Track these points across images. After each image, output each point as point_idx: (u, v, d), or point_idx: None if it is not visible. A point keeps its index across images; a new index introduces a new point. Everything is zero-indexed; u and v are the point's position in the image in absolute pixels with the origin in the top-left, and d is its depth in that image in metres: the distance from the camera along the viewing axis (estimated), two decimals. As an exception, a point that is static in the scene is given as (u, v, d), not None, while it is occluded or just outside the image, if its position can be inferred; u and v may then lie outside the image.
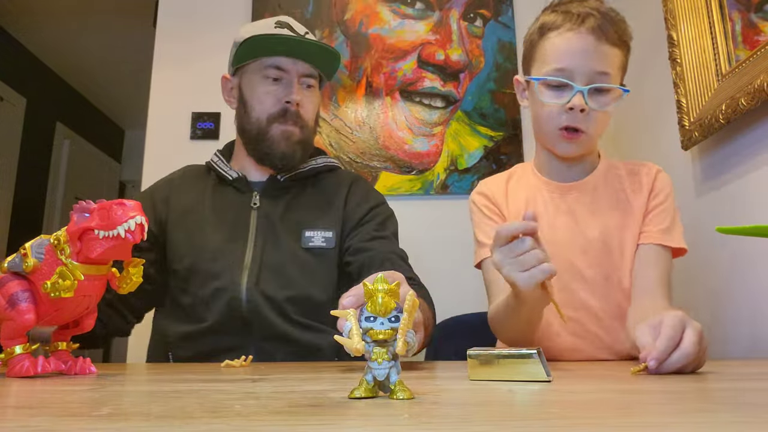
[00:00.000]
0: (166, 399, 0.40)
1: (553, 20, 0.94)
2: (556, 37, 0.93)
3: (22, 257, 0.61)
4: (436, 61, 1.90)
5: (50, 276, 0.59)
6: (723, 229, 0.44)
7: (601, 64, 0.91)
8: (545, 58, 0.94)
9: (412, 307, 0.40)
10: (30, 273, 0.61)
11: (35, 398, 0.41)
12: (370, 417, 0.32)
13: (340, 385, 0.50)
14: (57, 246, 0.60)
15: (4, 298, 0.60)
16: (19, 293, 0.60)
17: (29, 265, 0.60)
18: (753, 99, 1.04)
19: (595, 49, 0.91)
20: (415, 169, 1.83)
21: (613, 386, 0.47)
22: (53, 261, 0.60)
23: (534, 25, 0.99)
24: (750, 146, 1.12)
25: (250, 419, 0.31)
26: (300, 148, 1.08)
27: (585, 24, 0.91)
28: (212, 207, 1.08)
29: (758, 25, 1.10)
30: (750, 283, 1.12)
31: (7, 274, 0.62)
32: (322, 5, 1.94)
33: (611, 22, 0.92)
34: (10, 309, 0.60)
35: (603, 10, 0.93)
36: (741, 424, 0.29)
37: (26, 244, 0.62)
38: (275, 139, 1.06)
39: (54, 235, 0.61)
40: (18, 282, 0.61)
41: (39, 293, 0.60)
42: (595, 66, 0.91)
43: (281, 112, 1.05)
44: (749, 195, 1.13)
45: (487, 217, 1.02)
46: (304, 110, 1.07)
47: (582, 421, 0.30)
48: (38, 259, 0.60)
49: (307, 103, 1.08)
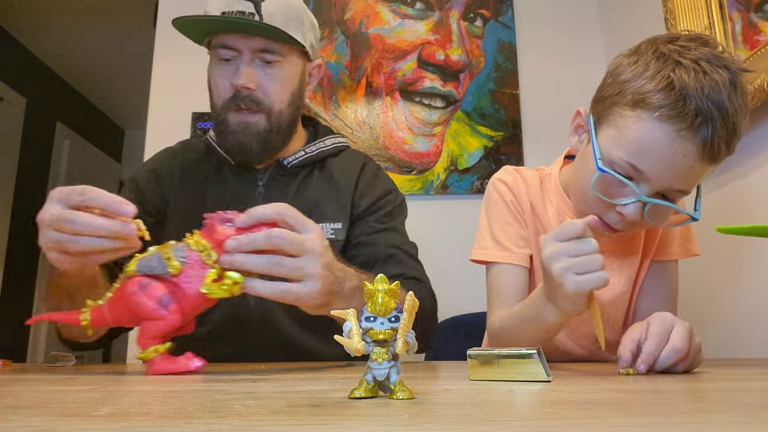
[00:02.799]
0: (166, 399, 0.40)
1: (659, 101, 0.68)
2: (648, 124, 0.69)
3: (165, 261, 0.63)
4: (436, 61, 1.90)
5: (197, 279, 0.63)
6: (723, 229, 0.44)
7: (686, 183, 0.73)
8: (623, 135, 0.72)
9: (412, 307, 0.40)
10: (174, 275, 0.63)
11: (35, 398, 0.41)
12: (370, 417, 0.32)
13: (340, 385, 0.50)
14: (203, 251, 0.63)
15: (151, 300, 0.62)
16: (168, 295, 0.63)
17: (175, 268, 0.62)
18: (753, 99, 1.04)
19: (690, 165, 0.70)
20: (415, 169, 1.83)
21: (613, 386, 0.47)
22: (198, 265, 0.63)
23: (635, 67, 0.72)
24: (750, 146, 1.12)
25: (250, 419, 0.31)
26: (261, 139, 0.94)
27: (695, 131, 0.67)
28: (214, 196, 1.00)
29: (758, 25, 1.10)
30: (749, 283, 1.12)
31: (143, 277, 0.63)
32: (322, 5, 1.94)
33: (728, 134, 0.69)
34: (160, 309, 0.62)
35: (728, 113, 0.67)
36: (739, 424, 0.29)
37: (152, 249, 0.64)
38: (231, 129, 0.94)
39: (193, 241, 0.64)
40: (163, 284, 0.63)
41: (183, 295, 0.63)
42: (677, 184, 0.72)
43: (233, 98, 0.92)
44: (749, 195, 1.13)
45: (512, 215, 0.92)
46: (264, 92, 0.93)
47: (582, 421, 0.30)
48: (181, 263, 0.63)
49: (268, 83, 0.93)
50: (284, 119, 0.96)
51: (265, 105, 0.93)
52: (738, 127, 0.70)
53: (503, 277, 0.90)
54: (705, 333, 1.19)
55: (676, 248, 0.91)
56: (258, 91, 0.92)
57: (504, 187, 0.94)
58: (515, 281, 0.89)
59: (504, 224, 0.92)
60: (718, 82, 0.67)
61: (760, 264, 1.09)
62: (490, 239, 0.93)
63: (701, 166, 0.71)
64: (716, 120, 0.67)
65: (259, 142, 0.94)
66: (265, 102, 0.93)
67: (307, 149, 1.04)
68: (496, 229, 0.92)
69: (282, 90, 0.95)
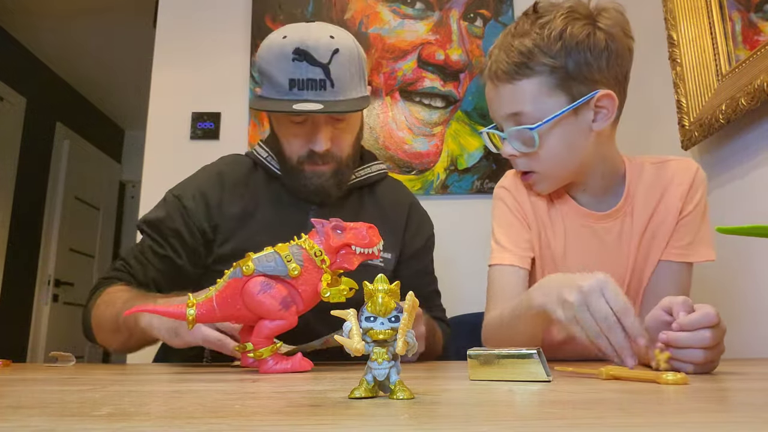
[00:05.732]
0: (166, 399, 0.40)
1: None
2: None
3: (286, 262, 0.65)
4: (436, 61, 1.90)
5: (311, 282, 0.65)
6: (723, 229, 0.44)
7: (508, 107, 0.86)
8: None
9: (412, 307, 0.40)
10: (293, 278, 0.65)
11: (35, 398, 0.41)
12: (370, 417, 0.32)
13: (340, 385, 0.50)
14: (318, 256, 0.66)
15: (276, 300, 0.64)
16: (289, 297, 0.65)
17: (296, 270, 0.64)
18: (753, 99, 1.04)
19: (495, 94, 0.88)
20: (415, 169, 1.83)
21: (612, 386, 0.47)
22: (314, 269, 0.66)
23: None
24: (750, 146, 1.12)
25: (250, 419, 0.31)
26: (336, 182, 1.00)
27: (488, 71, 0.89)
28: (268, 211, 1.02)
29: (758, 25, 1.10)
30: (750, 283, 1.12)
31: (262, 276, 0.64)
32: (322, 5, 1.94)
33: (508, 56, 0.85)
34: (284, 310, 0.64)
35: (505, 45, 0.86)
36: (740, 424, 0.29)
37: (269, 249, 0.66)
38: (308, 177, 0.98)
39: (308, 245, 0.67)
40: (286, 285, 0.65)
41: (298, 297, 0.66)
42: (502, 110, 0.87)
43: (309, 156, 0.97)
44: (749, 195, 1.13)
45: (516, 218, 0.95)
46: (337, 148, 0.98)
47: (582, 421, 0.30)
48: (300, 266, 0.65)
49: (340, 137, 0.98)
50: (351, 159, 1.03)
51: (338, 157, 0.99)
52: (519, 45, 0.84)
53: (503, 277, 0.92)
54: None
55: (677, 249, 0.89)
56: (333, 148, 0.97)
57: (505, 192, 0.97)
58: (514, 282, 0.91)
59: (507, 227, 0.95)
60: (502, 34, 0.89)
61: (760, 264, 1.09)
62: (495, 243, 0.95)
63: (503, 88, 0.86)
64: (495, 51, 0.87)
65: (334, 185, 1.00)
66: (338, 155, 0.99)
67: (357, 173, 1.08)
68: (499, 233, 0.95)
69: (351, 138, 1.01)
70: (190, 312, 0.64)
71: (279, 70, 0.91)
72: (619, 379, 0.53)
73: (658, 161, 0.94)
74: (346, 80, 0.92)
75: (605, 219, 0.92)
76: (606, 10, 0.85)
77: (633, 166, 0.93)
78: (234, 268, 0.65)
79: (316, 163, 0.97)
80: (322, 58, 0.90)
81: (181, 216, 0.99)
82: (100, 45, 3.58)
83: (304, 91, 0.90)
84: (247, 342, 0.67)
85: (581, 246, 0.92)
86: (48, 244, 3.70)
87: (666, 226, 0.90)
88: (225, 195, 1.02)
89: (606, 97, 0.84)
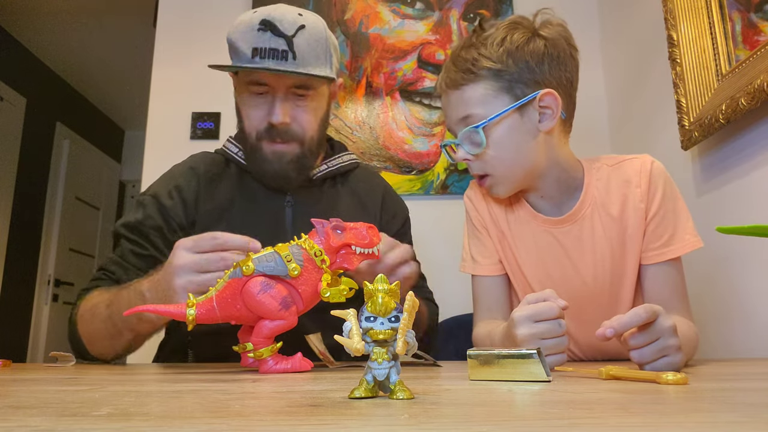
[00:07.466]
0: (166, 399, 0.40)
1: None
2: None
3: (286, 262, 0.65)
4: (436, 61, 1.90)
5: (311, 282, 0.66)
6: (723, 229, 0.44)
7: (457, 111, 0.90)
8: None
9: (412, 307, 0.40)
10: (293, 278, 0.65)
11: (35, 398, 0.40)
12: (370, 417, 0.32)
13: (340, 385, 0.50)
14: (318, 256, 0.66)
15: (276, 300, 0.64)
16: (289, 297, 0.65)
17: (296, 270, 0.65)
18: (753, 99, 1.04)
19: (447, 103, 0.93)
20: (415, 169, 1.83)
21: (613, 386, 0.47)
22: (313, 269, 0.66)
23: None
24: (750, 146, 1.12)
25: (250, 419, 0.31)
26: (297, 166, 0.99)
27: (439, 83, 0.94)
28: (244, 205, 1.01)
29: (758, 25, 1.10)
30: (750, 283, 1.12)
31: (262, 276, 0.64)
32: (322, 5, 1.94)
33: (456, 66, 0.90)
34: (284, 310, 0.64)
35: (454, 57, 0.91)
36: (740, 424, 0.29)
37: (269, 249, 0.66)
38: (267, 158, 0.97)
39: (308, 245, 0.66)
40: (286, 285, 0.65)
41: (298, 297, 0.66)
42: (454, 116, 0.91)
43: (268, 130, 0.96)
44: (749, 195, 1.13)
45: (477, 229, 1.00)
46: (298, 124, 0.97)
47: (582, 421, 0.30)
48: (300, 266, 0.65)
49: (301, 115, 0.97)
50: (315, 143, 1.01)
51: (299, 135, 0.97)
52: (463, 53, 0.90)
53: (480, 287, 0.99)
54: (705, 333, 1.19)
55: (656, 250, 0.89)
56: (293, 124, 0.96)
57: (468, 202, 1.02)
58: (489, 289, 0.98)
59: (473, 238, 1.01)
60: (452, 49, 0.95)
61: (760, 264, 1.09)
62: (467, 252, 1.01)
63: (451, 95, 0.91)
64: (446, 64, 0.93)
65: (295, 169, 0.99)
66: (299, 133, 0.97)
67: (329, 163, 1.09)
68: (469, 244, 1.01)
69: (314, 119, 0.99)
70: (190, 312, 0.64)
71: (244, 41, 0.91)
72: (619, 379, 0.53)
73: (614, 163, 0.95)
74: (310, 56, 0.93)
75: (562, 223, 0.93)
76: (547, 22, 0.91)
77: (591, 169, 0.94)
78: (234, 268, 0.65)
79: (275, 140, 0.96)
80: (287, 30, 0.91)
81: (160, 214, 0.99)
82: (100, 45, 3.58)
83: (265, 59, 0.90)
84: (247, 342, 0.67)
85: (541, 251, 0.94)
86: (48, 244, 3.70)
87: (635, 228, 0.89)
88: (201, 190, 1.02)
89: (548, 95, 0.87)
